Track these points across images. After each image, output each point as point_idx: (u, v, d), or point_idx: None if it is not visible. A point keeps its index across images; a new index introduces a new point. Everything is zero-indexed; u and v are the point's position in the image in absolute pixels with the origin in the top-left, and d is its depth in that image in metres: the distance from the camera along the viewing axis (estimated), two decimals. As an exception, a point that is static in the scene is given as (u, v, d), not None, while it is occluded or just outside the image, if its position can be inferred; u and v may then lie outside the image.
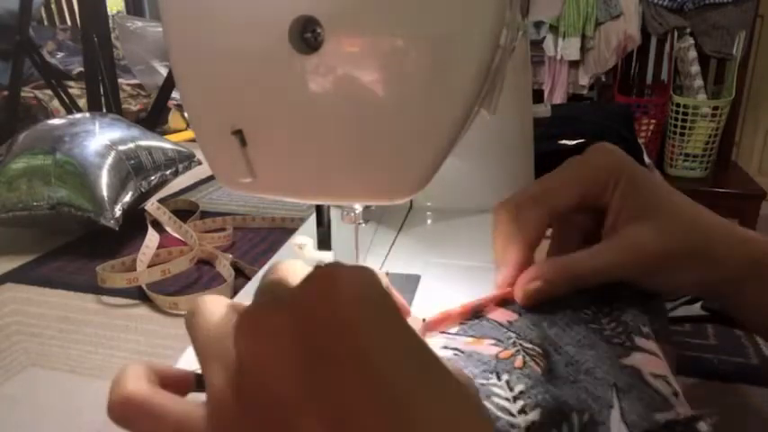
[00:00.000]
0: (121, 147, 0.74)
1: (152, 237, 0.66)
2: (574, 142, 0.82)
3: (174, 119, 1.70)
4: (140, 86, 2.07)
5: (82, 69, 1.82)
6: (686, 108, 1.82)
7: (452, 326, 0.31)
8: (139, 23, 2.18)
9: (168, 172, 0.79)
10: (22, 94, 1.75)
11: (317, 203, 0.37)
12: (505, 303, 0.32)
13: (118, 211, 0.68)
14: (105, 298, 0.56)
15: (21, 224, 0.70)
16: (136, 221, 0.71)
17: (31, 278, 0.61)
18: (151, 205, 0.70)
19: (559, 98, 2.06)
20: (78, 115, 0.81)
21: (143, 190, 0.73)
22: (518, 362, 0.26)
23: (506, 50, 0.30)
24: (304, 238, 0.41)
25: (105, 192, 0.68)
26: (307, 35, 0.26)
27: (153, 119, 1.55)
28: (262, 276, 0.25)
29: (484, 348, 0.28)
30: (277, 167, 0.30)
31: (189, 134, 1.53)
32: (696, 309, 0.38)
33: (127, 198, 0.70)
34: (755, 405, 0.38)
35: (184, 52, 0.29)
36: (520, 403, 0.24)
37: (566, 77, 2.05)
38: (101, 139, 0.73)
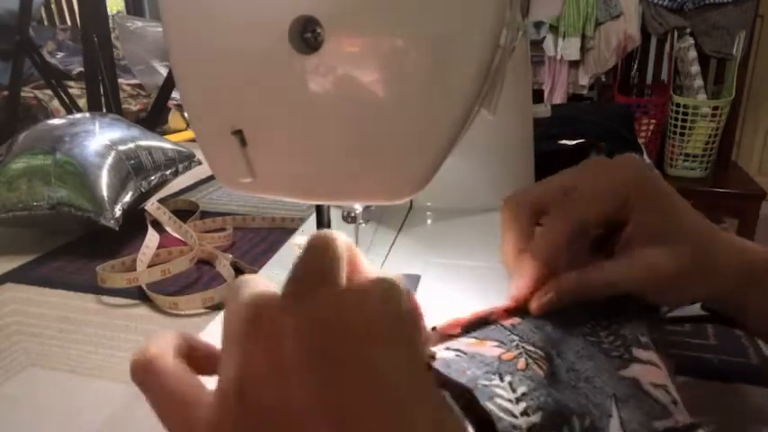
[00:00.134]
0: (121, 147, 0.74)
1: (152, 237, 0.66)
2: (574, 142, 0.82)
3: (174, 119, 1.70)
4: (140, 86, 2.07)
5: (82, 69, 1.82)
6: (686, 108, 1.82)
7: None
8: (139, 23, 2.18)
9: (168, 172, 0.79)
10: (22, 94, 1.75)
11: (317, 203, 0.37)
12: (514, 312, 0.33)
13: (118, 211, 0.68)
14: (105, 298, 0.56)
15: (21, 224, 0.70)
16: (136, 221, 0.71)
17: (31, 278, 0.61)
18: (151, 205, 0.70)
19: (559, 98, 2.06)
20: (78, 115, 0.81)
21: (143, 190, 0.73)
22: (521, 364, 0.27)
23: (506, 50, 0.30)
24: (304, 238, 0.41)
25: (105, 192, 0.68)
26: (307, 35, 0.26)
27: (153, 119, 1.55)
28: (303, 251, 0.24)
29: (487, 350, 0.28)
30: (277, 167, 0.30)
31: (189, 134, 1.53)
32: (696, 309, 0.38)
33: (127, 198, 0.70)
34: (755, 405, 0.38)
35: (184, 52, 0.29)
36: (522, 405, 0.24)
37: (566, 77, 2.05)
38: (101, 139, 0.73)
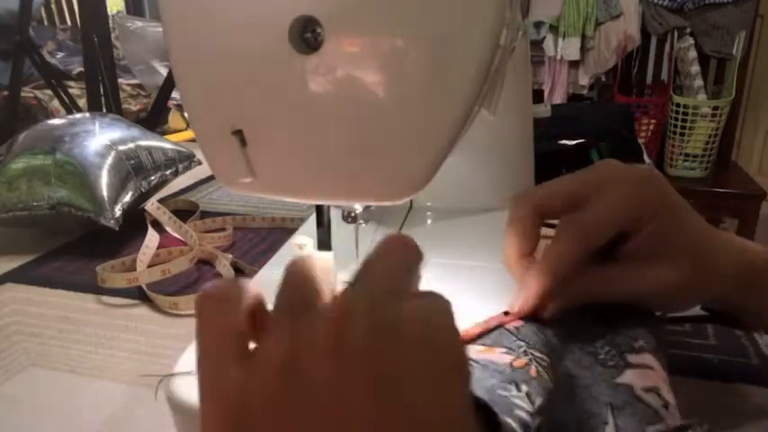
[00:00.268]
0: (121, 147, 0.74)
1: (152, 237, 0.66)
2: (574, 142, 0.82)
3: (174, 119, 1.71)
4: (140, 86, 2.07)
5: (82, 69, 1.82)
6: (686, 108, 1.82)
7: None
8: (139, 23, 2.18)
9: (168, 172, 0.79)
10: (22, 94, 1.75)
11: (317, 203, 0.37)
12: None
13: (118, 211, 0.68)
14: (105, 298, 0.56)
15: (21, 224, 0.70)
16: (136, 221, 0.71)
17: (31, 278, 0.61)
18: (151, 205, 0.70)
19: (559, 98, 2.06)
20: (78, 115, 0.81)
21: (143, 190, 0.73)
22: (533, 371, 0.27)
23: (506, 50, 0.30)
24: (304, 238, 0.41)
25: (105, 192, 0.68)
26: (307, 35, 0.26)
27: (153, 119, 1.55)
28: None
29: (497, 357, 0.28)
30: (277, 167, 0.30)
31: (189, 134, 1.53)
32: (696, 309, 0.38)
33: (127, 198, 0.70)
34: (755, 405, 0.38)
35: (184, 52, 0.29)
36: (537, 421, 0.24)
37: (566, 77, 2.05)
38: (101, 139, 0.73)
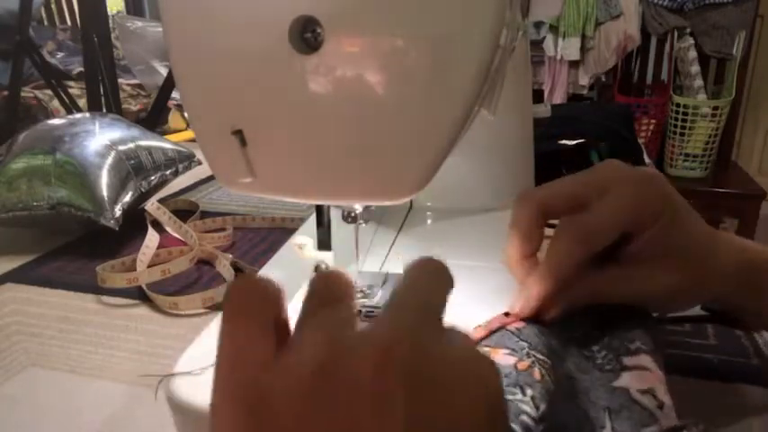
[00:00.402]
0: (121, 147, 0.74)
1: (152, 237, 0.66)
2: (574, 142, 0.82)
3: (174, 119, 1.70)
4: (140, 86, 2.07)
5: (82, 69, 1.82)
6: (686, 108, 1.82)
7: None
8: (139, 23, 2.18)
9: (168, 172, 0.79)
10: (22, 94, 1.75)
11: (317, 203, 0.37)
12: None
13: (118, 211, 0.68)
14: (105, 298, 0.56)
15: (21, 224, 0.70)
16: (136, 221, 0.71)
17: (31, 278, 0.61)
18: (151, 205, 0.70)
19: (559, 98, 2.06)
20: (78, 115, 0.81)
21: (143, 190, 0.73)
22: (537, 374, 0.27)
23: (506, 50, 0.30)
24: (304, 238, 0.41)
25: (105, 192, 0.68)
26: (307, 35, 0.26)
27: (153, 119, 1.55)
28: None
29: (501, 359, 0.28)
30: (277, 167, 0.30)
31: (189, 134, 1.53)
32: (696, 309, 0.38)
33: (127, 198, 0.70)
34: (755, 405, 0.38)
35: (184, 52, 0.29)
36: (540, 427, 0.24)
37: (566, 77, 2.05)
38: (101, 139, 0.73)
